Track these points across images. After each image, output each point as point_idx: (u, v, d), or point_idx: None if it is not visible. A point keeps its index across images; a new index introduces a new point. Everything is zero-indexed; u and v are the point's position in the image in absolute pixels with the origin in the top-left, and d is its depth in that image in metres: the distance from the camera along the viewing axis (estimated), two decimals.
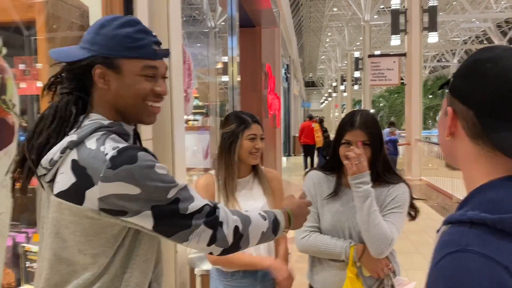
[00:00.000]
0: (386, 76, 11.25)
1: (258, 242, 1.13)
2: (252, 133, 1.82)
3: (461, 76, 0.76)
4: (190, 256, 2.42)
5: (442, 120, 0.80)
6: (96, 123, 1.00)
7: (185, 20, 4.54)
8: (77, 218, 0.95)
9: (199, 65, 4.64)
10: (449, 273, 0.64)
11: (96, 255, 0.98)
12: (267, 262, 1.80)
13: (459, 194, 7.79)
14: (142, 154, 0.96)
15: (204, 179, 1.88)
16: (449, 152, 0.81)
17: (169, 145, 2.21)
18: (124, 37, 1.01)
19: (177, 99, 2.28)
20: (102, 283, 0.99)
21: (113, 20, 1.03)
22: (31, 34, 2.01)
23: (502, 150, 0.69)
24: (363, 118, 1.67)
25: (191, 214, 0.99)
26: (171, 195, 0.97)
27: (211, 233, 1.02)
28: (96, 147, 0.95)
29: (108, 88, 1.02)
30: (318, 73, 52.04)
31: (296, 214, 1.24)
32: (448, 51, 30.66)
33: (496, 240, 0.63)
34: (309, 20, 30.38)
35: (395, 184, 1.71)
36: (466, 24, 22.65)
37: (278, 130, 9.11)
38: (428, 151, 10.45)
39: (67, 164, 0.95)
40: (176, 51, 2.29)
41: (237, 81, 4.79)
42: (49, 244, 0.99)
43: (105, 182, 0.92)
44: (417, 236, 5.50)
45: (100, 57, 1.01)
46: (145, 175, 0.94)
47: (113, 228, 0.98)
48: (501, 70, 0.70)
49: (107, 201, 0.93)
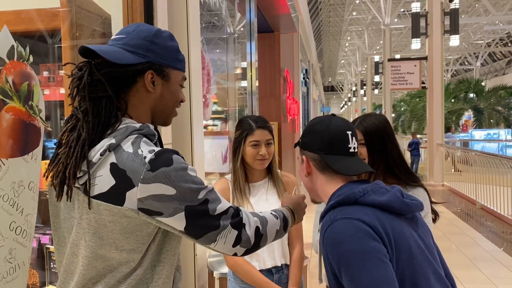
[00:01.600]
0: (407, 80, 11.12)
1: (273, 240, 1.20)
2: (254, 139, 1.79)
3: (304, 135, 1.26)
4: (210, 260, 2.44)
5: (301, 167, 1.25)
6: (129, 126, 1.06)
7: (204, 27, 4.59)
8: (116, 218, 1.00)
9: (218, 70, 4.68)
10: (331, 238, 1.07)
11: (131, 251, 1.04)
12: None
13: (482, 200, 7.63)
14: (176, 157, 1.03)
15: (219, 184, 1.90)
16: (310, 188, 1.26)
17: (188, 150, 2.24)
18: (175, 50, 1.14)
19: (196, 104, 2.32)
20: (135, 276, 1.05)
21: (161, 32, 1.12)
22: (54, 42, 2.07)
23: (342, 172, 1.18)
24: (363, 118, 1.72)
25: (219, 215, 1.06)
26: (201, 196, 1.04)
27: (236, 234, 1.08)
28: (134, 150, 1.01)
29: (154, 92, 1.11)
30: (338, 78, 51.75)
31: (297, 209, 1.33)
32: (471, 54, 30.10)
33: (348, 209, 1.10)
34: (328, 25, 30.29)
35: (413, 188, 1.70)
36: (489, 27, 22.21)
37: (297, 135, 9.10)
38: (450, 156, 10.27)
39: (106, 167, 1.00)
40: (195, 57, 2.33)
41: (255, 86, 4.81)
42: (86, 242, 1.04)
43: (145, 183, 0.98)
44: (440, 242, 5.38)
45: (155, 64, 1.09)
46: (180, 177, 1.01)
47: (147, 227, 1.03)
48: (326, 127, 1.21)
49: (146, 202, 0.99)
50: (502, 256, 5.03)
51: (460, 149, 10.16)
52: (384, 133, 1.68)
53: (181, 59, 1.16)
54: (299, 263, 1.85)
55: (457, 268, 4.61)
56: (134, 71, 1.07)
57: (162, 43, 1.11)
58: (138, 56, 1.07)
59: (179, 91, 1.16)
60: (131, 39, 1.09)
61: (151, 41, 1.09)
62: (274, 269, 1.82)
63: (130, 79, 1.08)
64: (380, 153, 1.67)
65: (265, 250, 1.81)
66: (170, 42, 1.13)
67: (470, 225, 6.59)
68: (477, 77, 26.48)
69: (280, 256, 1.83)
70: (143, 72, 1.08)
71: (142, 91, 1.10)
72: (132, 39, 1.09)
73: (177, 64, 1.14)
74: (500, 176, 7.14)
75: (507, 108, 17.69)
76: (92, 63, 1.06)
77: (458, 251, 5.23)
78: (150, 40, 1.09)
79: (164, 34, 1.12)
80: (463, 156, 9.36)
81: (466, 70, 33.45)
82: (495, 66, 31.99)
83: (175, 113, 1.19)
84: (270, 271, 1.81)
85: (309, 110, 16.79)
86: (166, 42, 1.11)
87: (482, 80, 23.05)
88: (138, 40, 1.08)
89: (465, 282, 4.18)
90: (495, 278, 4.28)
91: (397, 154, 1.69)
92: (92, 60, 1.07)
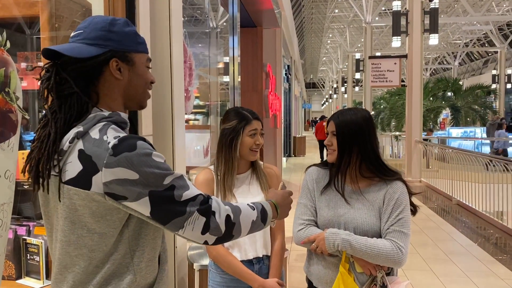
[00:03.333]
0: (387, 78, 11.24)
1: (250, 230, 1.20)
2: (253, 128, 1.85)
3: None
4: (190, 253, 2.44)
5: None
6: (97, 114, 1.10)
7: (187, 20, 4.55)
8: (85, 202, 1.04)
9: (201, 64, 4.65)
10: None
11: (102, 234, 1.07)
12: (258, 281, 1.78)
13: (458, 196, 7.81)
14: (140, 143, 1.05)
15: (203, 174, 1.90)
16: None
17: (169, 141, 2.24)
18: (134, 34, 1.17)
19: (178, 97, 2.31)
20: (114, 261, 1.08)
21: (116, 20, 1.15)
22: (33, 32, 2.03)
23: None
24: (342, 111, 1.78)
25: (185, 201, 1.07)
26: (167, 181, 1.05)
27: (204, 221, 1.08)
28: (100, 136, 1.05)
29: (122, 79, 1.14)
30: (319, 75, 52.04)
31: (281, 204, 1.34)
32: (449, 53, 30.63)
33: None
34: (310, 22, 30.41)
35: (391, 182, 1.73)
36: (467, 27, 22.63)
37: (278, 130, 9.13)
38: (428, 153, 10.45)
39: (74, 154, 1.05)
40: (177, 50, 2.32)
41: (237, 81, 4.81)
42: (61, 226, 1.09)
43: (108, 168, 1.01)
44: (416, 237, 5.52)
45: (117, 51, 1.13)
46: (143, 161, 1.03)
47: (118, 212, 1.06)
48: None
49: (111, 186, 1.02)
50: (476, 250, 5.16)
51: (438, 146, 10.36)
52: (359, 127, 1.71)
53: (141, 42, 1.19)
54: (280, 254, 1.86)
55: (433, 262, 4.71)
56: (98, 62, 1.11)
57: (119, 30, 1.14)
58: (99, 48, 1.11)
59: (146, 72, 1.20)
60: (89, 32, 1.12)
61: (108, 30, 1.13)
62: (255, 259, 1.83)
63: (97, 71, 1.12)
64: (351, 146, 1.71)
65: (247, 241, 1.82)
66: (127, 27, 1.16)
67: (446, 220, 6.74)
68: (455, 76, 27.00)
69: (261, 247, 1.84)
70: (107, 61, 1.12)
71: (111, 80, 1.14)
72: (90, 32, 1.12)
73: (139, 47, 1.18)
74: (475, 173, 7.31)
75: (483, 107, 18.08)
76: (58, 63, 1.11)
77: (434, 245, 5.35)
78: (108, 30, 1.13)
79: (120, 21, 1.16)
80: (440, 153, 9.54)
81: (444, 69, 34.05)
82: (472, 65, 32.66)
83: (148, 95, 1.22)
84: (251, 261, 1.83)
85: (290, 106, 16.85)
86: (123, 28, 1.15)
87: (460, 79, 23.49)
88: (96, 31, 1.12)
89: (440, 275, 4.29)
90: (469, 272, 4.39)
91: (371, 149, 1.72)
92: (57, 60, 1.11)
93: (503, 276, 4.28)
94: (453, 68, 30.58)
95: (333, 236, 1.65)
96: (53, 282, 1.13)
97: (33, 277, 1.80)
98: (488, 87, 19.78)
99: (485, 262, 4.71)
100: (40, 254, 1.77)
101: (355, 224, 1.69)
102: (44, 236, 1.78)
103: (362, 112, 1.77)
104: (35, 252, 1.78)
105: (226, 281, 1.82)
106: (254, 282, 1.77)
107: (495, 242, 5.64)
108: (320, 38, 34.22)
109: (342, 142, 1.72)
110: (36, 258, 1.78)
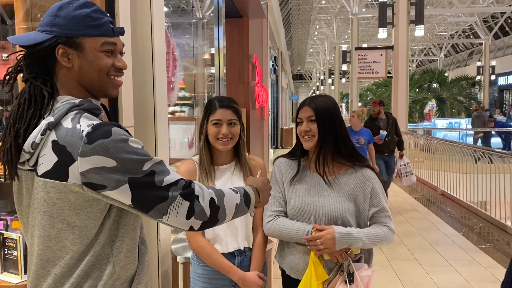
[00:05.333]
0: (373, 69, 11.29)
1: (234, 214, 1.17)
2: (215, 118, 1.77)
3: None
4: (173, 246, 2.41)
5: None
6: (68, 103, 1.06)
7: (172, 11, 4.48)
8: (63, 194, 1.01)
9: (187, 56, 4.60)
10: None
11: (83, 227, 1.04)
12: (238, 274, 1.75)
13: (443, 186, 7.89)
14: (115, 129, 1.01)
15: (185, 165, 1.86)
16: None
17: (152, 133, 2.20)
18: (84, 17, 1.08)
19: (160, 88, 2.27)
20: (94, 252, 1.06)
21: (70, 3, 1.09)
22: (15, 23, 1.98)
23: None
24: (313, 98, 1.78)
25: (167, 186, 1.03)
26: (146, 167, 1.02)
27: (188, 205, 1.05)
28: (72, 125, 1.01)
29: (72, 66, 1.08)
30: (307, 66, 52.06)
31: (262, 189, 1.32)
32: (435, 45, 30.88)
33: None
34: (297, 13, 30.31)
35: (361, 169, 1.77)
36: (452, 19, 22.81)
37: (265, 122, 9.12)
38: (414, 144, 10.54)
39: (48, 146, 1.01)
40: (159, 40, 2.27)
41: (223, 72, 4.76)
42: (39, 221, 1.05)
43: (84, 156, 0.98)
44: (402, 227, 5.57)
45: (62, 37, 1.06)
46: (120, 148, 0.99)
47: (98, 203, 1.03)
48: None
49: (88, 175, 0.99)
50: (460, 240, 5.23)
51: (423, 137, 10.46)
52: (334, 113, 1.75)
53: (96, 25, 1.08)
54: (262, 247, 1.85)
55: (418, 251, 4.76)
56: (44, 49, 1.07)
57: (66, 14, 1.07)
58: (45, 33, 1.07)
59: (99, 57, 1.09)
60: (43, 18, 1.09)
61: (55, 15, 1.07)
62: (237, 252, 1.81)
63: (49, 58, 1.08)
64: (330, 131, 1.72)
65: (229, 233, 1.80)
66: (78, 10, 1.08)
67: (431, 210, 6.81)
68: (440, 67, 27.23)
69: (243, 239, 1.82)
70: (53, 48, 1.07)
71: (63, 67, 1.09)
72: (43, 18, 1.09)
73: (90, 31, 1.08)
74: (460, 164, 7.40)
75: (468, 98, 18.29)
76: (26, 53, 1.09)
77: (419, 235, 5.40)
78: (54, 14, 1.07)
79: (73, 4, 1.08)
80: (426, 144, 9.63)
81: (430, 60, 34.33)
82: (457, 57, 32.97)
83: (112, 83, 1.13)
84: (233, 254, 1.81)
85: (277, 98, 16.82)
86: (72, 12, 1.07)
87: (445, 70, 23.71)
88: (46, 17, 1.09)
89: (425, 264, 4.33)
90: (453, 261, 4.44)
91: (344, 134, 1.77)
92: None
93: (486, 265, 4.35)
94: (438, 59, 30.85)
95: (345, 236, 1.66)
96: (34, 277, 1.09)
97: (12, 272, 1.76)
98: (473, 78, 20.01)
99: (469, 251, 4.78)
100: (18, 248, 1.73)
101: (325, 210, 1.71)
102: (22, 231, 1.74)
103: (332, 99, 1.82)
104: (12, 246, 1.74)
105: (208, 273, 1.80)
106: (234, 275, 1.75)
107: (479, 231, 5.72)
108: (307, 29, 34.16)
109: (323, 127, 1.72)
110: (14, 253, 1.74)
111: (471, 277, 4.02)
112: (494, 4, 22.38)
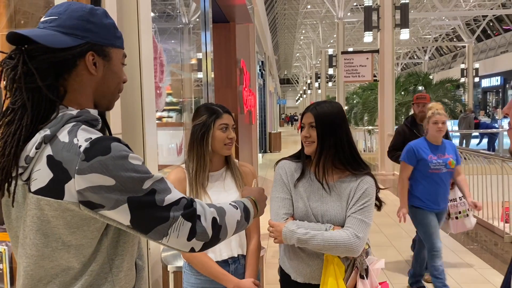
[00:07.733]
0: (360, 73, 11.36)
1: (235, 231, 1.13)
2: (223, 122, 1.80)
3: None
4: (164, 255, 2.38)
5: None
6: (65, 114, 0.99)
7: (158, 16, 4.46)
8: (59, 212, 0.95)
9: (173, 61, 4.57)
10: None
11: (79, 246, 0.98)
12: (233, 282, 1.74)
13: None
14: (115, 145, 0.95)
15: (174, 173, 1.84)
16: None
17: (140, 140, 2.16)
18: (113, 27, 1.07)
19: (148, 93, 2.24)
20: (91, 272, 1.00)
21: (95, 10, 1.05)
22: None
23: None
24: (318, 103, 1.78)
25: (168, 205, 0.97)
26: (146, 186, 0.96)
27: (190, 226, 0.99)
28: (69, 140, 0.95)
29: (96, 74, 1.04)
30: (293, 70, 52.32)
31: (259, 200, 1.29)
32: (419, 48, 31.27)
33: None
34: (283, 17, 30.48)
35: (361, 176, 1.75)
36: (436, 22, 23.13)
37: (253, 127, 9.11)
38: None
39: (43, 161, 0.95)
40: (146, 46, 2.24)
41: (211, 77, 4.74)
42: (31, 240, 0.99)
43: (81, 174, 0.92)
44: (391, 230, 5.59)
45: (94, 44, 1.03)
46: (119, 165, 0.93)
47: (95, 221, 0.98)
48: None
49: (85, 194, 0.93)
50: (449, 240, 5.27)
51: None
52: (336, 119, 1.74)
53: (119, 36, 1.10)
54: (256, 254, 1.83)
55: (407, 253, 4.78)
56: (74, 54, 1.00)
57: (98, 21, 1.04)
58: (76, 38, 1.00)
59: (121, 70, 1.10)
60: (65, 20, 1.01)
61: (87, 20, 1.02)
62: (231, 259, 1.79)
63: (70, 63, 1.01)
64: (330, 137, 1.71)
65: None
66: (106, 19, 1.06)
67: None
68: (425, 70, 27.55)
69: (237, 246, 1.80)
70: (83, 54, 1.01)
71: (84, 74, 1.03)
72: (66, 20, 1.01)
73: (116, 42, 1.08)
74: None
75: (453, 101, 18.53)
76: (24, 51, 0.98)
77: (409, 237, 5.41)
78: (87, 20, 1.02)
79: (99, 11, 1.05)
80: None
81: (415, 63, 34.74)
82: (442, 60, 33.44)
83: (117, 96, 1.13)
84: (227, 262, 1.79)
85: (265, 102, 16.85)
86: (102, 20, 1.05)
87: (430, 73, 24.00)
88: (73, 20, 1.01)
89: None
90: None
91: (346, 141, 1.74)
92: (23, 47, 0.98)
93: (475, 266, 4.38)
94: (423, 62, 31.21)
95: (290, 233, 1.66)
96: None
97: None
98: (457, 81, 20.27)
99: (458, 252, 4.81)
100: (4, 261, 1.68)
101: (329, 217, 1.71)
102: (8, 242, 1.69)
103: (337, 104, 1.81)
104: None
105: (201, 282, 1.78)
106: (229, 283, 1.72)
107: (467, 232, 5.77)
108: (293, 34, 34.35)
109: (322, 134, 1.72)
110: (0, 266, 1.69)
111: (461, 279, 4.05)
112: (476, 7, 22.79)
